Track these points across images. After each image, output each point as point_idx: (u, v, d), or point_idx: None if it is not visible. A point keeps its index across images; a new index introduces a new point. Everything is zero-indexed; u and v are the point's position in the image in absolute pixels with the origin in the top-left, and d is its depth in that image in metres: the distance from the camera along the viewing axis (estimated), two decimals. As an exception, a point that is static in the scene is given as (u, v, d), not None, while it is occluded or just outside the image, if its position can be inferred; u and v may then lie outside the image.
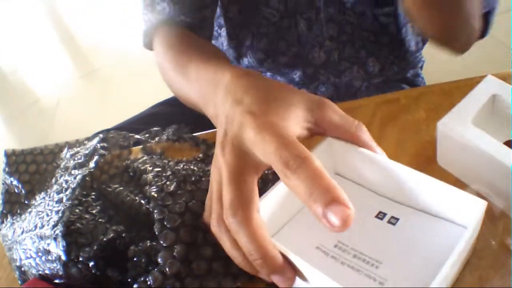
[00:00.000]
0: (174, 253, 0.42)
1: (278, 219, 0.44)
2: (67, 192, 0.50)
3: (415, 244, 0.40)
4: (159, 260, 0.42)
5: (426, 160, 0.53)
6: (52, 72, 3.37)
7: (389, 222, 0.43)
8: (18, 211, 0.57)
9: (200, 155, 0.57)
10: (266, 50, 0.82)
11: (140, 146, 0.59)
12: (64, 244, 0.45)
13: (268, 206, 0.41)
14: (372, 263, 0.39)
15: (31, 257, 0.50)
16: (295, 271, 0.38)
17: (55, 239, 0.46)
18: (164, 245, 0.43)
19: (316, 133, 0.43)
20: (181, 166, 0.53)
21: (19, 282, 0.54)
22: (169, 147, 0.60)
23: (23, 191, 0.58)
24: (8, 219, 0.57)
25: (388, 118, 0.60)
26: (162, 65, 0.67)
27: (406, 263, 0.39)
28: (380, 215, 0.43)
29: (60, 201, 0.50)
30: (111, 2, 4.15)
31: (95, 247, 0.45)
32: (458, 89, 0.61)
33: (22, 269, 0.53)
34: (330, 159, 0.46)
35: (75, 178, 0.52)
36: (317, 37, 0.79)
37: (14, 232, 0.54)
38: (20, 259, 0.52)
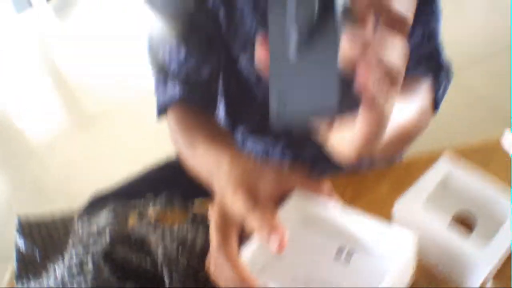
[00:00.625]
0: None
1: (258, 262, 0.56)
2: (88, 263, 0.61)
3: (362, 278, 0.54)
4: None
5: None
6: (45, 117, 3.31)
7: (345, 259, 0.55)
8: (33, 272, 0.67)
9: (190, 218, 0.69)
10: (259, 118, 0.94)
11: (137, 212, 0.71)
12: None
13: (249, 252, 0.54)
14: None
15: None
16: None
17: None
18: None
19: (286, 192, 0.57)
20: (176, 228, 0.65)
21: None
22: (162, 213, 0.71)
23: (37, 255, 0.68)
24: (24, 280, 0.66)
25: (357, 193, 0.70)
26: (176, 140, 0.80)
27: None
28: (339, 253, 0.56)
29: (80, 268, 0.60)
30: (110, 48, 4.15)
31: None
32: (419, 164, 0.69)
33: None
34: (299, 211, 0.58)
35: (92, 250, 0.62)
36: None
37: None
38: None
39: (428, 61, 0.79)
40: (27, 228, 0.70)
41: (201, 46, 0.83)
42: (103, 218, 0.68)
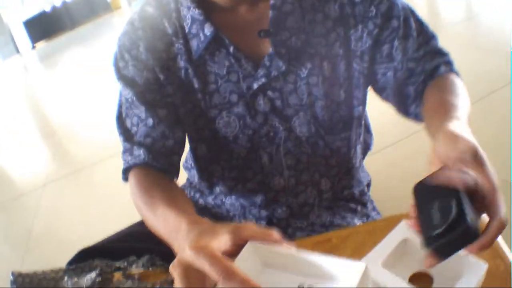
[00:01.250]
0: None
1: None
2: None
3: None
4: None
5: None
6: (35, 168, 3.38)
7: None
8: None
9: (170, 278, 0.76)
10: (235, 178, 1.01)
11: (121, 272, 0.78)
12: None
13: None
14: None
15: None
16: None
17: None
18: None
19: (240, 244, 0.60)
20: (157, 286, 0.72)
21: None
22: (144, 272, 0.78)
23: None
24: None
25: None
26: (136, 202, 0.86)
27: None
28: None
29: None
30: (97, 96, 4.19)
31: None
32: (380, 229, 0.74)
33: None
34: (257, 257, 0.63)
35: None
36: (277, 167, 0.98)
37: None
38: None
39: (439, 57, 0.91)
40: (21, 282, 0.76)
41: (168, 118, 0.92)
42: (90, 278, 0.74)
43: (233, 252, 0.59)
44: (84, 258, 0.86)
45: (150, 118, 0.90)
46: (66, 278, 0.77)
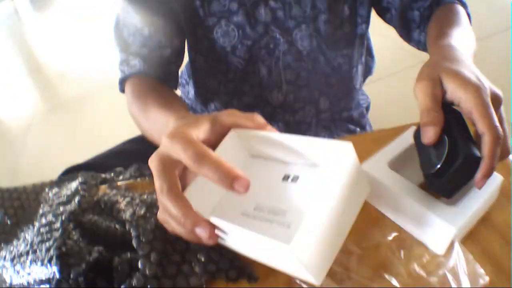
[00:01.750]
0: (151, 259, 0.56)
1: (207, 202, 0.56)
2: (57, 225, 0.62)
3: (310, 194, 0.52)
4: (139, 265, 0.56)
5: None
6: (20, 102, 3.36)
7: (292, 180, 0.55)
8: (4, 240, 0.68)
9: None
10: (232, 93, 0.97)
11: (107, 184, 0.72)
12: (58, 264, 0.57)
13: (195, 194, 0.53)
14: (281, 214, 0.51)
15: (23, 277, 0.61)
16: (217, 229, 0.50)
17: (49, 261, 0.58)
18: (142, 253, 0.57)
19: (222, 134, 0.56)
20: (145, 196, 0.67)
21: None
22: (132, 183, 0.73)
23: (8, 223, 0.69)
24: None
25: None
26: (131, 111, 0.82)
27: (304, 208, 0.50)
28: (286, 177, 0.56)
29: (50, 231, 0.62)
30: (81, 33, 4.16)
31: (83, 266, 0.57)
32: (387, 137, 0.70)
33: None
34: (240, 146, 0.59)
35: (61, 213, 0.64)
36: (276, 81, 0.94)
37: (4, 258, 0.64)
38: (10, 282, 0.62)
39: None
40: (0, 198, 0.71)
41: (166, 27, 0.87)
42: (73, 186, 0.69)
43: (215, 142, 0.55)
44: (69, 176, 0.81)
45: (146, 27, 0.85)
46: (47, 189, 0.71)
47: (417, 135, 0.58)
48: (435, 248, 0.57)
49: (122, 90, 0.90)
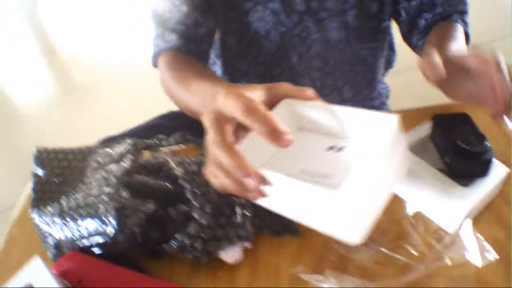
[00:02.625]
0: (207, 210, 0.60)
1: (256, 159, 0.56)
2: (111, 180, 0.65)
3: (354, 161, 0.55)
4: (195, 215, 0.60)
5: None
6: (34, 84, 3.38)
7: (337, 150, 0.57)
8: (50, 198, 0.71)
9: (203, 152, 0.75)
10: (262, 75, 1.00)
11: (150, 151, 0.76)
12: (116, 215, 0.60)
13: (246, 150, 0.54)
14: (326, 177, 0.52)
15: (78, 229, 0.64)
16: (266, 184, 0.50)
17: (106, 213, 0.61)
18: (197, 205, 0.60)
19: (274, 102, 0.57)
20: (193, 158, 0.71)
21: (52, 258, 0.67)
22: (176, 149, 0.77)
23: (55, 181, 0.72)
24: (41, 205, 0.70)
25: None
26: (166, 82, 0.84)
27: (349, 172, 0.51)
28: (331, 147, 0.58)
29: (104, 185, 0.65)
30: (97, 16, 4.20)
31: (140, 216, 0.61)
32: (413, 116, 0.74)
33: (62, 242, 0.66)
34: (290, 115, 0.61)
35: (114, 171, 0.67)
36: (306, 68, 0.98)
37: (52, 214, 0.67)
38: (61, 237, 0.65)
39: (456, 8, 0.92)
40: (46, 158, 0.74)
41: (202, 5, 0.90)
42: (123, 147, 0.73)
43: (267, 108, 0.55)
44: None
45: (184, 4, 0.88)
46: (95, 149, 0.74)
47: (436, 123, 0.66)
48: (448, 226, 0.62)
49: (155, 64, 0.93)
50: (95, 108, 2.92)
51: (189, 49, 0.89)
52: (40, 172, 0.73)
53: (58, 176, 0.72)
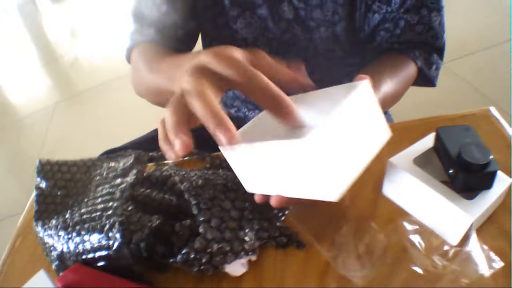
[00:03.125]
0: (212, 224, 0.60)
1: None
2: (116, 195, 0.66)
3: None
4: (200, 230, 0.60)
5: (375, 187, 0.71)
6: (34, 92, 3.40)
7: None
8: (53, 210, 0.71)
9: (208, 165, 0.75)
10: None
11: (154, 163, 0.76)
12: (121, 229, 0.60)
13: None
14: (298, 129, 0.49)
15: (82, 244, 0.64)
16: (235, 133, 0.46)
17: (111, 227, 0.61)
18: (204, 219, 0.61)
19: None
20: (196, 172, 0.71)
21: (55, 270, 0.67)
22: (179, 161, 0.77)
23: (58, 194, 0.72)
24: (44, 217, 0.71)
25: None
26: (135, 65, 0.82)
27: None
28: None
29: (109, 200, 0.65)
30: (99, 22, 4.25)
31: (145, 231, 0.61)
32: (416, 127, 0.78)
33: (65, 256, 0.66)
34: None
35: (119, 184, 0.67)
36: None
37: (56, 227, 0.67)
38: (61, 250, 0.65)
39: (423, 46, 0.89)
40: (49, 170, 0.74)
41: (183, 10, 0.89)
42: (128, 161, 0.73)
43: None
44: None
45: (164, 4, 0.87)
46: (99, 163, 0.75)
47: (439, 136, 0.66)
48: (451, 239, 0.62)
49: (128, 57, 0.91)
50: (97, 114, 2.94)
51: (166, 45, 0.87)
52: (43, 184, 0.73)
53: (62, 189, 0.73)
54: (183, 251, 0.59)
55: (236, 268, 0.62)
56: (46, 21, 4.75)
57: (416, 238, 0.64)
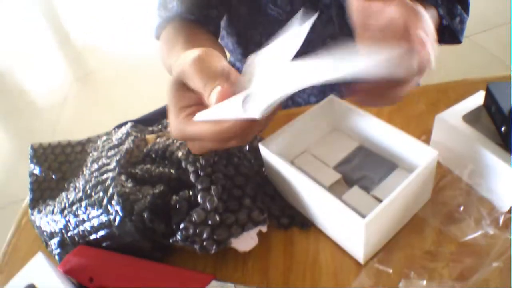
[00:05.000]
0: (211, 192, 0.53)
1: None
2: (112, 165, 0.60)
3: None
4: (199, 200, 0.53)
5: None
6: (48, 73, 3.42)
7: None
8: (49, 196, 0.66)
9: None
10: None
11: (154, 135, 0.69)
12: (120, 201, 0.55)
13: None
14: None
15: (81, 225, 0.59)
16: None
17: (109, 200, 0.56)
18: (201, 187, 0.53)
19: None
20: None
21: (57, 258, 0.63)
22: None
23: (53, 178, 0.67)
24: (40, 205, 0.65)
25: (395, 109, 0.75)
26: (161, 47, 0.82)
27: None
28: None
29: (105, 172, 0.60)
30: (109, 5, 4.26)
31: (148, 199, 0.56)
32: (452, 88, 0.77)
33: (66, 241, 0.61)
34: (331, 115, 0.65)
35: (115, 154, 0.62)
36: (319, 36, 0.93)
37: (52, 212, 0.62)
38: (64, 232, 0.61)
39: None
40: (42, 154, 0.69)
41: None
42: (123, 131, 0.68)
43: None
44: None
45: None
46: (94, 139, 0.69)
47: (490, 92, 0.62)
48: (502, 204, 0.58)
49: (158, 36, 0.90)
50: (110, 96, 2.95)
51: (192, 15, 0.85)
52: (37, 170, 0.69)
53: (56, 172, 0.68)
54: (181, 226, 0.52)
55: (246, 242, 0.55)
56: (59, 3, 4.83)
57: (464, 205, 0.60)
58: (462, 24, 0.87)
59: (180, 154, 0.60)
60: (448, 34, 0.88)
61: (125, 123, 0.88)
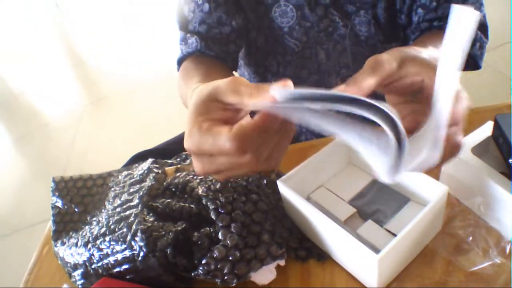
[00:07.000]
0: (232, 229, 0.56)
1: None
2: (134, 202, 0.63)
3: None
4: (220, 237, 0.57)
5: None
6: (62, 96, 3.50)
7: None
8: (72, 228, 0.69)
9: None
10: (290, 78, 0.96)
11: (174, 167, 0.73)
12: (144, 237, 0.59)
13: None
14: None
15: (105, 258, 0.62)
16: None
17: (133, 236, 0.60)
18: (222, 225, 0.56)
19: None
20: (215, 177, 0.67)
21: None
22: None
23: (76, 210, 0.70)
24: (63, 237, 0.69)
25: None
26: (179, 82, 0.86)
27: None
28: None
29: (128, 209, 0.63)
30: (124, 30, 4.34)
31: (170, 236, 0.60)
32: (476, 118, 0.73)
33: (90, 273, 0.64)
34: (346, 150, 0.69)
35: (137, 191, 0.65)
36: (334, 66, 0.97)
37: (76, 245, 0.65)
38: (87, 264, 0.65)
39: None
40: (64, 188, 0.73)
41: (227, 4, 0.89)
42: (144, 167, 0.71)
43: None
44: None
45: (207, 3, 0.88)
46: (115, 173, 0.72)
47: (498, 124, 0.63)
48: (508, 232, 0.61)
49: (178, 69, 0.93)
50: (124, 118, 3.02)
51: (212, 51, 0.90)
52: (59, 203, 0.72)
53: (79, 205, 0.72)
54: (203, 262, 0.55)
55: (264, 276, 0.58)
56: (71, 24, 4.87)
57: (473, 235, 0.62)
58: (482, 49, 0.89)
59: (200, 191, 0.64)
60: (468, 59, 0.89)
61: (144, 154, 0.92)
